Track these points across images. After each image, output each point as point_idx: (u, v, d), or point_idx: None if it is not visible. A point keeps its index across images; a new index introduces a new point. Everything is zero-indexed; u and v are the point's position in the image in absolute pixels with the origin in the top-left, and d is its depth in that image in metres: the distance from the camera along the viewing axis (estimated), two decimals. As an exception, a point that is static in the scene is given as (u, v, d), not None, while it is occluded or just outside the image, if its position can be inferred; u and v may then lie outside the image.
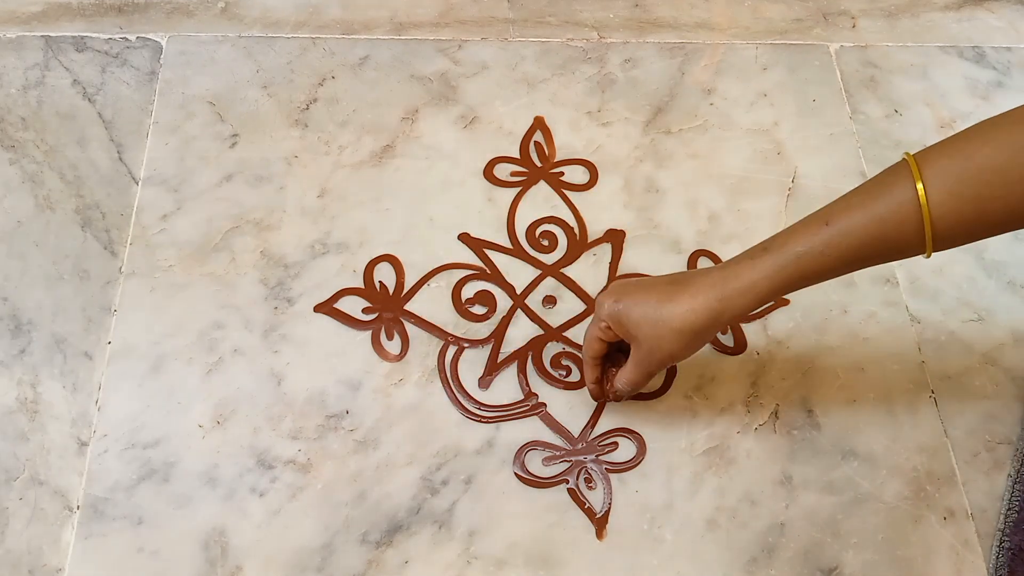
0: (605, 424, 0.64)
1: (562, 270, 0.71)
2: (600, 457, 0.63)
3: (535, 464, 0.63)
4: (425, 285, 0.69)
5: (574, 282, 0.70)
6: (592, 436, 0.64)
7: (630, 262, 0.71)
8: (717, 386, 0.66)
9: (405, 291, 0.69)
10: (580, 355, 0.67)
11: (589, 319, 0.68)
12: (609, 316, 0.57)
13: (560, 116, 0.78)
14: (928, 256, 0.51)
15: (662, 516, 0.61)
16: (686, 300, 0.54)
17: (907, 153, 0.50)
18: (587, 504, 0.61)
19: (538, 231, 0.72)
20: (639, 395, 0.65)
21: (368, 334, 0.67)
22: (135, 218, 0.70)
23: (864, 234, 0.51)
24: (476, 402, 0.64)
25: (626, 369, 0.59)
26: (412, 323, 0.67)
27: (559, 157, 0.76)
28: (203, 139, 0.74)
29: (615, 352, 0.61)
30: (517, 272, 0.70)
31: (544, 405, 0.65)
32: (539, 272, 0.70)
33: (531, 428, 0.64)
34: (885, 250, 0.52)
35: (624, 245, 0.72)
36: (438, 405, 0.64)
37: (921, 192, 0.48)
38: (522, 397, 0.65)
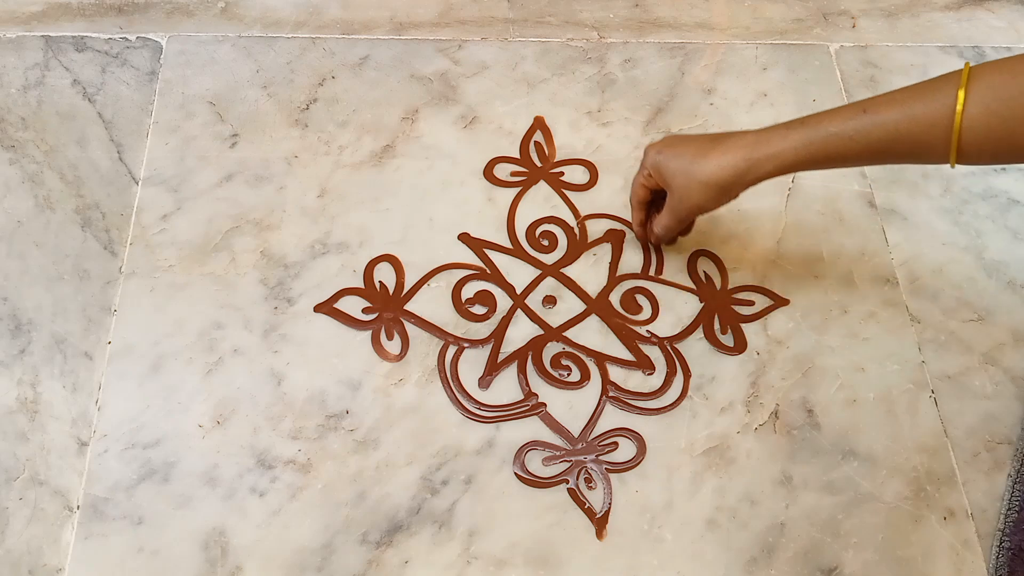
0: (605, 424, 0.64)
1: (562, 270, 0.71)
2: (600, 457, 0.63)
3: (535, 464, 0.63)
4: (425, 285, 0.69)
5: (574, 282, 0.70)
6: (592, 436, 0.64)
7: (630, 262, 0.71)
8: (717, 386, 0.66)
9: (405, 291, 0.69)
10: (580, 355, 0.67)
11: (589, 319, 0.68)
12: (651, 164, 0.63)
13: (560, 116, 0.78)
14: (952, 166, 0.52)
15: (662, 516, 0.61)
16: (716, 157, 0.59)
17: (968, 63, 0.52)
18: (587, 504, 0.61)
19: (538, 231, 0.72)
20: (640, 395, 0.65)
21: (368, 334, 0.67)
22: (135, 218, 0.70)
23: (895, 128, 0.53)
24: (476, 402, 0.64)
25: (662, 215, 0.65)
26: (412, 323, 0.67)
27: (559, 157, 0.76)
28: (203, 139, 0.74)
29: (660, 200, 0.66)
30: (517, 272, 0.70)
31: (544, 405, 0.65)
32: (539, 272, 0.70)
33: (531, 428, 0.64)
34: (911, 149, 0.53)
35: (624, 245, 0.72)
36: (438, 405, 0.64)
37: (960, 99, 0.50)
38: (522, 397, 0.65)
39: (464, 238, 0.71)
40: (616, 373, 0.66)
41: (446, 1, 0.85)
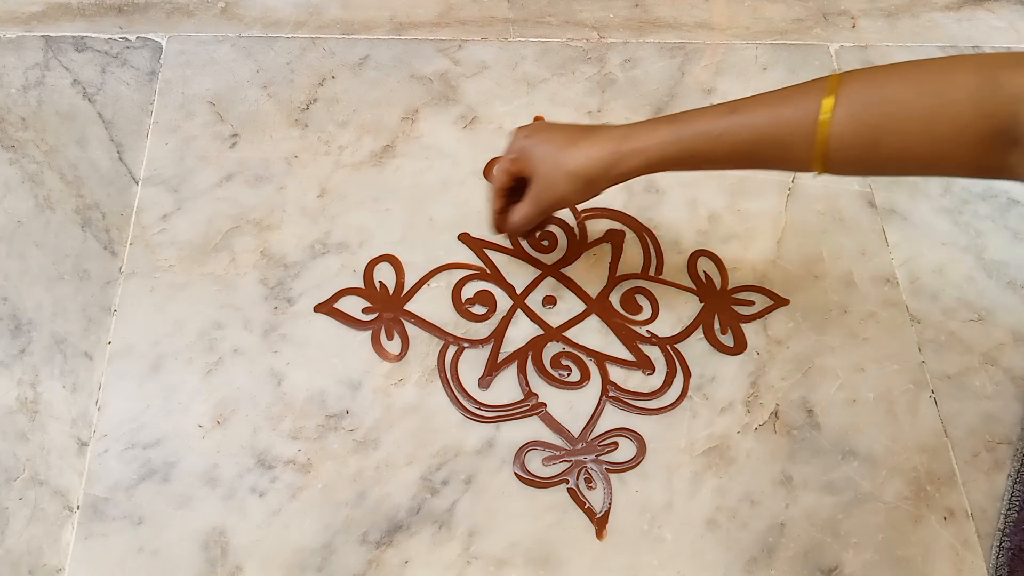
0: (605, 424, 0.64)
1: (562, 270, 0.71)
2: (600, 457, 0.63)
3: (535, 464, 0.63)
4: (425, 285, 0.69)
5: (574, 282, 0.70)
6: (592, 436, 0.64)
7: (630, 262, 0.71)
8: (717, 386, 0.66)
9: (405, 291, 0.69)
10: (580, 355, 0.67)
11: (589, 319, 0.68)
12: (519, 149, 0.60)
13: (560, 116, 0.78)
14: (817, 174, 0.52)
15: (662, 516, 0.61)
16: (585, 148, 0.57)
17: (837, 71, 0.51)
18: (587, 504, 0.61)
19: (538, 231, 0.72)
20: (640, 395, 0.65)
21: (368, 334, 0.67)
22: (135, 218, 0.70)
23: (762, 131, 0.52)
24: (476, 402, 0.64)
25: (523, 203, 0.61)
26: (412, 323, 0.67)
27: (559, 157, 0.76)
28: (203, 139, 0.74)
29: (521, 189, 0.62)
30: (517, 272, 0.70)
31: (544, 405, 0.65)
32: (539, 272, 0.70)
33: (531, 428, 0.64)
34: (777, 153, 0.52)
35: (624, 245, 0.72)
36: (438, 405, 0.64)
37: (828, 105, 0.49)
38: (522, 397, 0.65)
39: (464, 238, 0.71)
40: (616, 373, 0.66)
41: (446, 1, 0.85)
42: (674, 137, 0.55)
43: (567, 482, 0.62)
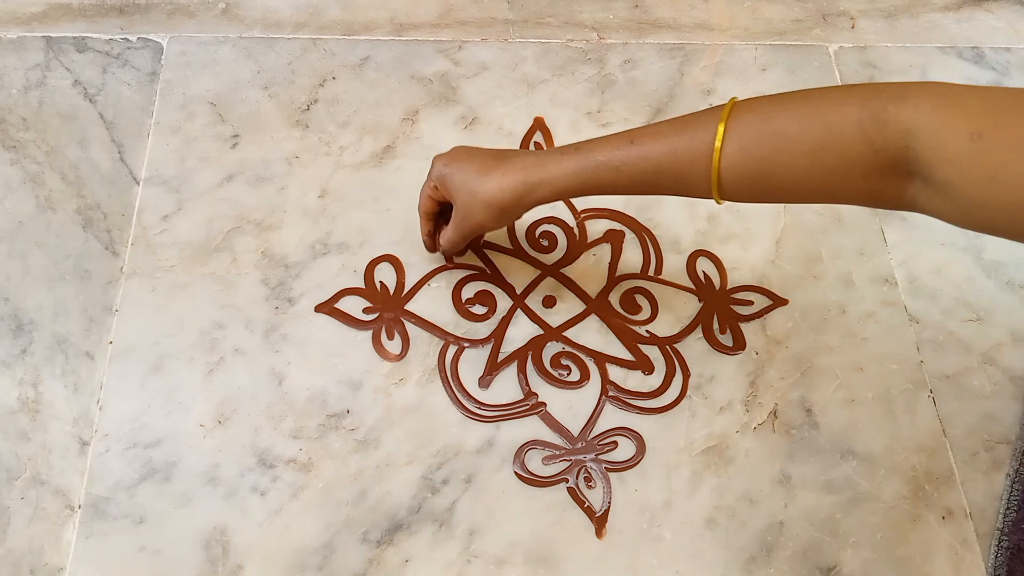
0: (605, 423, 0.65)
1: (562, 270, 0.71)
2: (600, 456, 0.63)
3: (535, 463, 0.63)
4: (425, 285, 0.69)
5: (574, 282, 0.70)
6: (592, 435, 0.64)
7: (630, 262, 0.72)
8: (716, 385, 0.67)
9: (405, 291, 0.69)
10: (580, 355, 0.67)
11: (588, 319, 0.69)
12: (437, 177, 0.62)
13: (560, 116, 0.79)
14: (718, 202, 0.52)
15: (661, 515, 0.62)
16: (497, 177, 0.58)
17: (735, 98, 0.51)
18: (587, 503, 0.62)
19: (538, 231, 0.73)
20: (639, 394, 0.65)
21: (369, 334, 0.67)
22: (136, 218, 0.70)
23: (659, 163, 0.53)
24: (476, 402, 0.65)
25: (448, 228, 0.64)
26: (412, 323, 0.67)
27: (559, 157, 0.76)
28: (204, 140, 0.75)
29: (448, 210, 0.64)
30: (517, 272, 0.71)
31: (544, 405, 0.65)
32: (539, 272, 0.71)
33: (531, 427, 0.64)
34: (676, 184, 0.53)
35: (623, 245, 0.72)
36: (438, 405, 0.64)
37: (719, 137, 0.49)
38: (522, 397, 0.65)
39: (464, 238, 0.72)
40: (616, 373, 0.67)
41: (446, 2, 0.85)
42: (577, 168, 0.56)
43: (567, 481, 0.62)
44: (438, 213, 0.66)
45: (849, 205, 0.51)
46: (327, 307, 0.67)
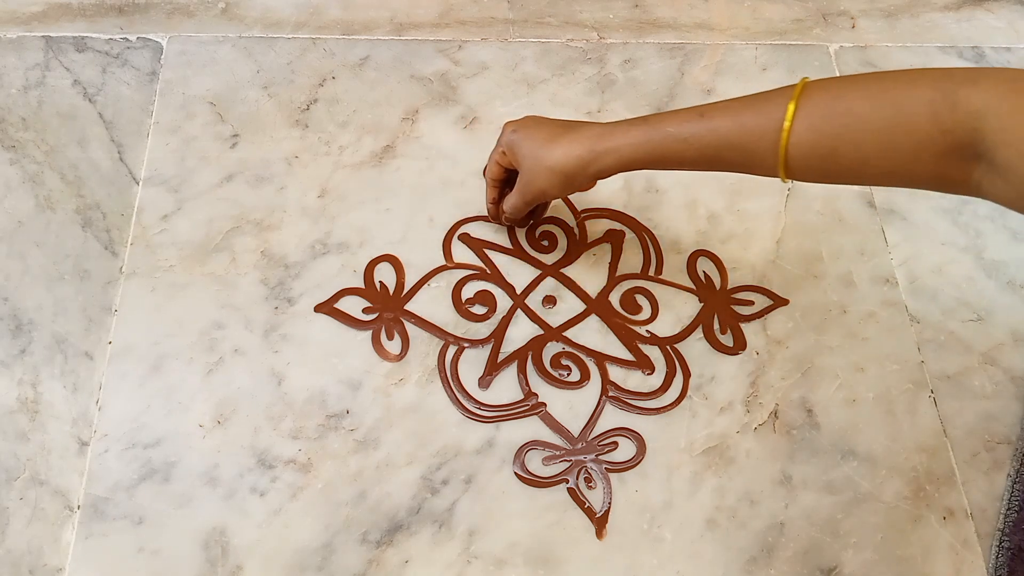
0: (605, 424, 0.64)
1: (562, 270, 0.71)
2: (600, 457, 0.63)
3: (535, 464, 0.63)
4: (425, 285, 0.69)
5: (574, 282, 0.70)
6: (592, 436, 0.64)
7: (630, 262, 0.72)
8: (717, 386, 0.66)
9: (405, 291, 0.69)
10: (580, 355, 0.67)
11: (589, 319, 0.68)
12: (506, 143, 0.63)
13: (560, 116, 0.78)
14: (784, 180, 0.53)
15: (662, 516, 0.61)
16: (564, 145, 0.59)
17: (806, 78, 0.52)
18: (587, 504, 0.61)
19: (538, 231, 0.72)
20: (640, 395, 0.65)
21: (368, 334, 0.67)
22: (136, 218, 0.70)
23: (727, 137, 0.53)
24: (476, 402, 0.64)
25: (512, 193, 0.65)
26: (412, 323, 0.67)
27: (559, 157, 0.76)
28: (204, 139, 0.74)
29: (515, 178, 0.65)
30: (517, 272, 0.70)
31: (544, 405, 0.65)
32: (539, 272, 0.70)
33: (531, 428, 0.64)
34: (742, 159, 0.54)
35: (624, 245, 0.72)
36: (438, 405, 0.64)
37: (789, 114, 0.50)
38: (522, 397, 0.65)
39: (464, 238, 0.71)
40: (616, 373, 0.66)
41: (446, 2, 0.85)
42: (645, 138, 0.56)
43: (567, 482, 0.62)
44: (504, 180, 0.67)
45: (917, 189, 0.51)
46: (327, 307, 0.67)
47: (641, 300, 0.70)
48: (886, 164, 0.48)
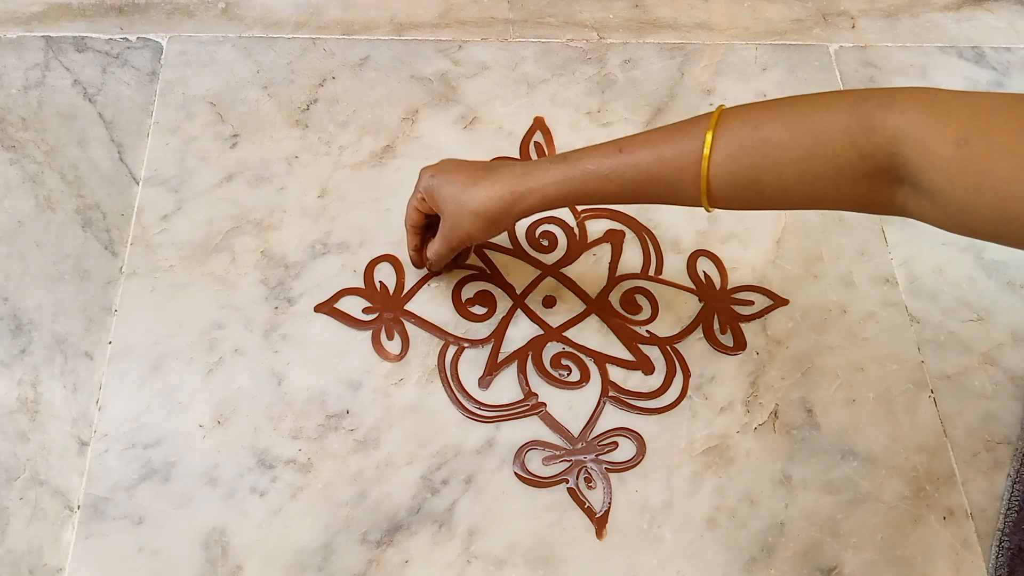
0: (605, 424, 0.64)
1: (562, 270, 0.71)
2: (600, 457, 0.63)
3: (535, 464, 0.63)
4: (425, 285, 0.69)
5: (574, 282, 0.70)
6: (592, 436, 0.64)
7: (630, 262, 0.71)
8: (717, 386, 0.66)
9: (405, 291, 0.69)
10: (580, 355, 0.67)
11: (589, 319, 0.68)
12: (424, 189, 0.62)
13: (560, 116, 0.79)
14: (708, 210, 0.52)
15: (662, 515, 0.61)
16: (485, 187, 0.58)
17: (723, 105, 0.51)
18: (587, 504, 0.61)
19: (538, 231, 0.72)
20: (639, 395, 0.65)
21: (368, 334, 0.67)
22: (136, 218, 0.70)
23: (648, 171, 0.53)
24: (476, 402, 0.64)
25: (435, 240, 0.64)
26: (412, 323, 0.67)
27: (559, 157, 0.76)
28: (204, 139, 0.74)
29: (435, 223, 0.64)
30: (517, 272, 0.70)
31: (544, 405, 0.65)
32: (539, 272, 0.71)
33: (531, 428, 0.64)
34: (666, 191, 0.53)
35: (624, 245, 0.72)
36: (438, 405, 0.64)
37: (708, 144, 0.49)
38: (522, 397, 0.65)
39: (464, 238, 0.71)
40: (616, 373, 0.66)
41: (446, 2, 0.85)
42: (565, 177, 0.55)
43: (567, 482, 0.62)
44: (425, 226, 0.65)
45: (839, 211, 0.51)
46: (327, 307, 0.67)
47: (641, 300, 0.70)
48: (808, 191, 0.48)
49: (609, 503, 0.62)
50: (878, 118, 0.44)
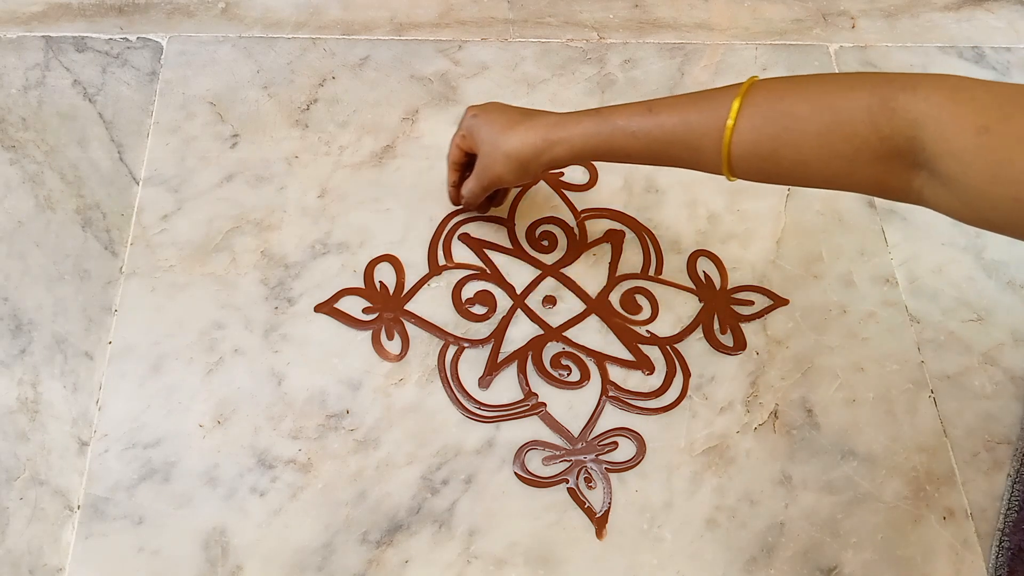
0: (605, 424, 0.64)
1: (562, 270, 0.71)
2: (600, 456, 0.63)
3: (535, 464, 0.63)
4: (425, 285, 0.69)
5: (574, 282, 0.70)
6: (592, 436, 0.64)
7: (630, 262, 0.71)
8: (717, 386, 0.66)
9: (405, 291, 0.69)
10: (580, 355, 0.67)
11: (589, 319, 0.68)
12: (466, 127, 0.65)
13: (560, 116, 0.78)
14: (730, 179, 0.53)
15: (662, 515, 0.61)
16: (520, 132, 0.60)
17: (755, 77, 0.52)
18: (587, 503, 0.61)
19: (538, 231, 0.72)
20: (639, 395, 0.65)
21: (368, 334, 0.67)
22: (136, 218, 0.70)
23: (673, 134, 0.54)
24: (476, 402, 0.64)
25: (470, 178, 0.66)
26: (412, 323, 0.67)
27: (559, 157, 0.76)
28: (204, 139, 0.74)
29: (474, 162, 0.66)
30: (517, 272, 0.70)
31: (544, 405, 0.65)
32: (539, 272, 0.70)
33: (531, 428, 0.64)
34: (688, 156, 0.54)
35: (624, 245, 0.72)
36: (438, 405, 0.64)
37: (733, 112, 0.50)
38: (522, 397, 0.65)
39: (464, 238, 0.71)
40: (616, 373, 0.66)
41: (446, 2, 0.85)
42: (594, 130, 0.57)
43: (567, 482, 0.62)
44: (464, 164, 0.67)
45: (856, 193, 0.51)
46: (327, 307, 0.67)
47: (641, 300, 0.70)
48: (825, 168, 0.48)
49: (609, 503, 0.62)
50: (900, 100, 0.44)
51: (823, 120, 0.47)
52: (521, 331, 0.68)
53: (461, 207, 0.72)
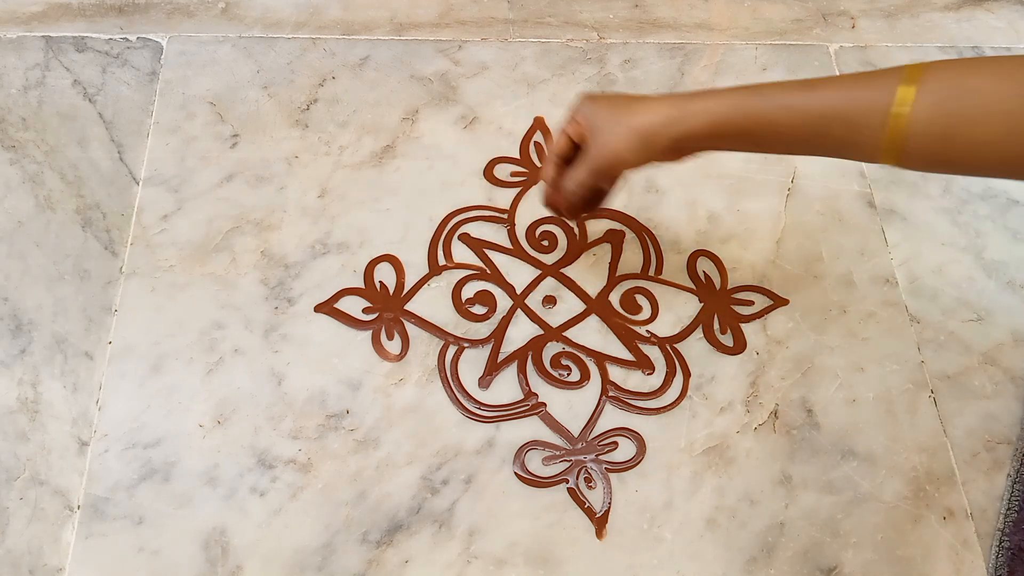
0: (605, 424, 0.64)
1: (562, 270, 0.71)
2: (600, 457, 0.63)
3: (535, 464, 0.63)
4: (425, 285, 0.69)
5: (574, 282, 0.70)
6: (592, 436, 0.64)
7: (630, 262, 0.71)
8: (717, 386, 0.66)
9: (405, 291, 0.69)
10: (580, 355, 0.67)
11: (589, 319, 0.68)
12: (580, 110, 0.58)
13: (560, 117, 0.79)
14: (882, 161, 0.50)
15: (662, 515, 0.61)
16: (649, 104, 0.55)
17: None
18: (587, 503, 0.61)
19: (538, 231, 0.72)
20: (639, 395, 0.65)
21: (368, 334, 0.67)
22: (136, 218, 0.70)
23: (834, 109, 0.50)
24: (476, 402, 0.64)
25: (575, 168, 0.59)
26: (412, 323, 0.67)
27: (559, 157, 0.76)
28: (204, 139, 0.74)
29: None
30: (517, 272, 0.70)
31: (544, 405, 0.65)
32: (539, 272, 0.70)
33: (531, 428, 0.64)
34: (846, 135, 0.50)
35: (624, 245, 0.72)
36: (438, 405, 0.64)
37: (908, 92, 0.47)
38: (522, 397, 0.65)
39: (464, 238, 0.71)
40: (616, 373, 0.66)
41: (446, 1, 0.85)
42: (743, 101, 0.52)
43: (567, 482, 0.62)
44: (568, 158, 0.61)
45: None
46: (327, 307, 0.67)
47: (641, 300, 0.70)
48: (1006, 149, 0.46)
49: (609, 503, 0.62)
50: None
51: (1011, 96, 0.45)
52: (521, 331, 0.68)
53: (551, 211, 0.66)
